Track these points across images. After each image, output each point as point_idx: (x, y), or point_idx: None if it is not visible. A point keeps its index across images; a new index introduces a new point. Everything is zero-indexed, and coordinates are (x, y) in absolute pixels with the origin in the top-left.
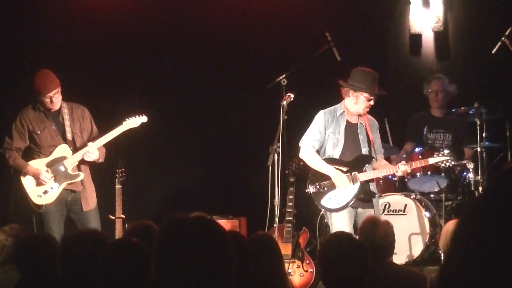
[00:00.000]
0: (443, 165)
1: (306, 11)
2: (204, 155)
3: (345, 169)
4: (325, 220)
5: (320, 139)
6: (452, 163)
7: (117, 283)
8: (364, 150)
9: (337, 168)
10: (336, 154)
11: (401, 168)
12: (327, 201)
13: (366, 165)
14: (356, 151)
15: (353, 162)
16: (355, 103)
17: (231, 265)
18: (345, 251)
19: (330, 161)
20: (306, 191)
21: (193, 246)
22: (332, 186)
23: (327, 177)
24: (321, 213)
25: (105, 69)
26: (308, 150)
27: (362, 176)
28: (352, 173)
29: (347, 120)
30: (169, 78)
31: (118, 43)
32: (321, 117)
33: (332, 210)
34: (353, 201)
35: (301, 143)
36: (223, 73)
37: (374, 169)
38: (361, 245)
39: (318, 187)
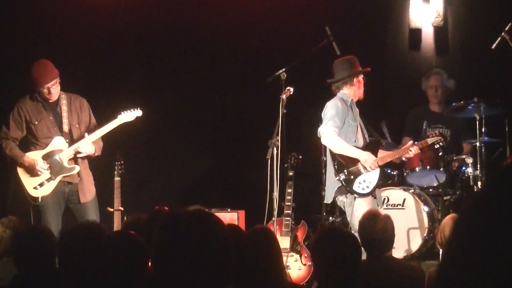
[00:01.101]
0: (438, 144)
1: (306, 6)
2: (203, 149)
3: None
4: (334, 218)
5: (340, 126)
6: (445, 142)
7: (114, 276)
8: (367, 137)
9: None
10: (360, 142)
11: (412, 150)
12: (357, 187)
13: (377, 150)
14: (365, 139)
15: (367, 148)
16: (359, 88)
17: (229, 258)
18: (336, 244)
19: None
20: (336, 179)
21: (191, 240)
22: (358, 172)
23: (351, 163)
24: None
25: (102, 62)
26: (333, 136)
27: (380, 160)
28: None
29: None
30: (167, 71)
31: (116, 36)
32: (338, 105)
33: (363, 195)
34: (377, 186)
35: (322, 129)
36: (223, 67)
37: None
38: (353, 237)
39: (346, 173)
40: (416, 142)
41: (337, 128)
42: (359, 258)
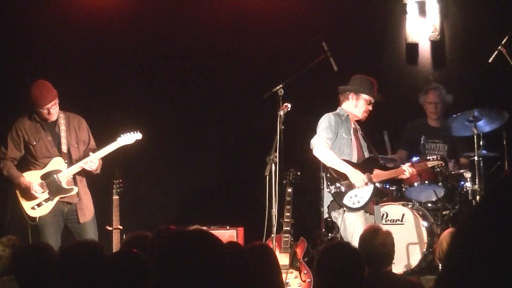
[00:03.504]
0: (438, 169)
1: (302, 21)
2: (201, 165)
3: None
4: (334, 234)
5: (332, 138)
6: (445, 167)
7: None
8: (366, 154)
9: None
10: (354, 157)
11: (408, 170)
12: (348, 200)
13: (374, 168)
14: (362, 155)
15: (363, 164)
16: (355, 106)
17: (228, 275)
18: (341, 259)
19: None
20: (327, 191)
21: (192, 258)
22: (350, 186)
23: (344, 177)
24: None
25: (100, 80)
26: (324, 148)
27: (375, 177)
28: (365, 175)
29: (351, 123)
30: (165, 88)
31: (113, 54)
32: (330, 118)
33: (354, 209)
34: (369, 202)
35: (314, 140)
36: (220, 83)
37: None
38: (358, 253)
39: (338, 186)
40: (414, 158)
41: (329, 140)
42: (363, 273)
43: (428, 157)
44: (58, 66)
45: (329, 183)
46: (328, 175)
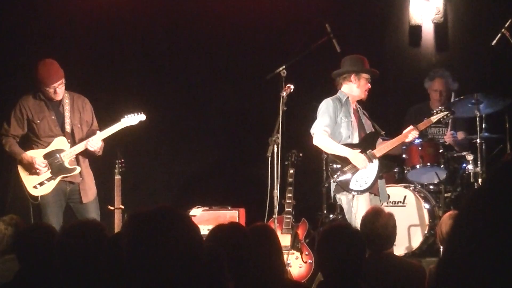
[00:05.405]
0: (447, 120)
1: (305, 2)
2: (204, 146)
3: (358, 150)
4: (335, 215)
5: (331, 125)
6: (451, 116)
7: (119, 274)
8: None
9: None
10: (355, 138)
11: (411, 134)
12: (355, 184)
13: (377, 141)
14: (364, 134)
15: (363, 141)
16: (358, 86)
17: (199, 249)
18: (343, 240)
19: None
20: (332, 181)
21: (159, 237)
22: (354, 169)
23: (345, 164)
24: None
25: (105, 61)
26: (322, 136)
27: (378, 152)
28: (367, 152)
29: (352, 104)
30: (168, 69)
31: (117, 36)
32: (329, 104)
33: (362, 192)
34: (377, 179)
35: (313, 130)
36: (223, 64)
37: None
38: (359, 234)
39: (341, 174)
40: (416, 141)
41: (327, 127)
42: (364, 255)
43: (432, 143)
44: (63, 46)
45: (331, 171)
46: (330, 164)
